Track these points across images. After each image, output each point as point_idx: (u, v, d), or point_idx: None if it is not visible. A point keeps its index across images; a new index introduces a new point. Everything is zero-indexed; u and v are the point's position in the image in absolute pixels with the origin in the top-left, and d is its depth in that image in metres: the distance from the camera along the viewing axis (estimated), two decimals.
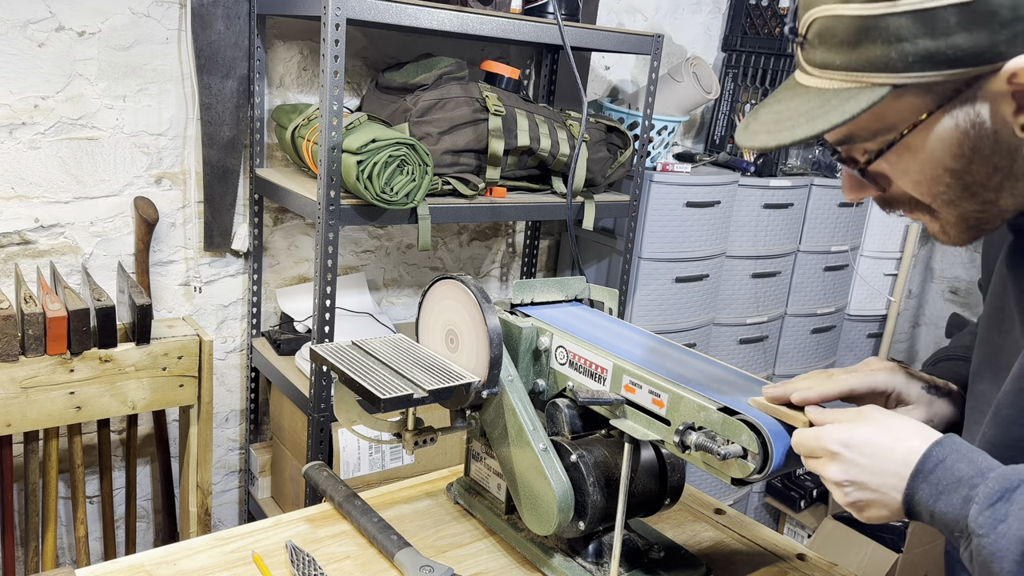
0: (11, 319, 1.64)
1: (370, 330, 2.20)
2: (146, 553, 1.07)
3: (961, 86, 0.72)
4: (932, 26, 0.70)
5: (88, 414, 1.78)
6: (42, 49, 1.84)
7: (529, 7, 2.07)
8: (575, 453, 1.03)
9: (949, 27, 0.69)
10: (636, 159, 2.28)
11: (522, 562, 1.12)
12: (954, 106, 0.74)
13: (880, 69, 0.73)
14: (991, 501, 0.72)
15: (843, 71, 0.75)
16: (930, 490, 0.76)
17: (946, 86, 0.73)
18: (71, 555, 2.13)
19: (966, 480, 0.74)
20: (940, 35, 0.70)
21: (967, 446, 0.78)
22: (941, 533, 0.78)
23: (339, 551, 1.11)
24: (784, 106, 0.80)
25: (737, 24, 2.85)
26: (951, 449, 0.77)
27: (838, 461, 0.80)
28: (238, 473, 2.40)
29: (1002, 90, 0.71)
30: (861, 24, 0.72)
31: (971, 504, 0.73)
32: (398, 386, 1.01)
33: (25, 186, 1.89)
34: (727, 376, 1.01)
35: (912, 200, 0.82)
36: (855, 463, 0.79)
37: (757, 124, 0.81)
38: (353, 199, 1.82)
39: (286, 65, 2.16)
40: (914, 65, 0.72)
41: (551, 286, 1.22)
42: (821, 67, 0.77)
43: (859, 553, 2.73)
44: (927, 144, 0.76)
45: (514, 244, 2.71)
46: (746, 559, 1.18)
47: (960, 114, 0.74)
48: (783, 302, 2.88)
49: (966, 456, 0.76)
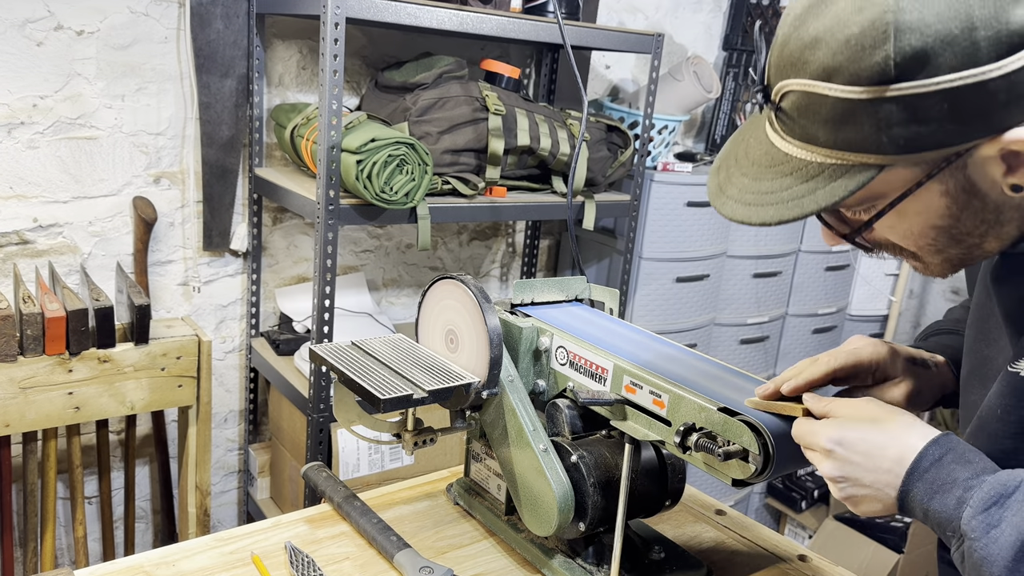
0: (9, 319, 1.64)
1: (369, 330, 2.19)
2: (145, 554, 1.07)
3: (951, 156, 0.71)
4: (925, 113, 0.68)
5: (87, 414, 1.78)
6: (41, 48, 1.83)
7: (529, 6, 2.07)
8: (575, 454, 1.03)
9: (942, 113, 0.68)
10: (637, 158, 2.27)
11: (522, 563, 1.12)
12: (944, 174, 0.73)
13: (868, 150, 0.71)
14: (986, 505, 0.72)
15: (827, 148, 0.73)
16: (925, 489, 0.76)
17: (936, 158, 0.72)
18: (70, 556, 2.12)
19: (961, 481, 0.74)
20: (932, 121, 0.68)
21: (964, 446, 0.78)
22: (933, 531, 0.78)
23: (338, 552, 1.10)
24: (764, 177, 0.77)
25: (738, 23, 2.85)
26: (948, 448, 0.77)
27: (832, 458, 0.81)
28: (237, 474, 2.39)
29: (992, 154, 0.70)
30: (847, 107, 0.70)
31: (965, 506, 0.73)
32: (398, 386, 1.01)
33: (23, 186, 1.89)
34: (728, 377, 1.01)
35: (897, 247, 0.82)
36: (849, 460, 0.80)
37: (734, 189, 0.79)
38: (352, 199, 1.82)
39: (285, 64, 2.15)
40: (905, 148, 0.70)
41: (551, 286, 1.22)
42: (802, 140, 0.75)
43: (860, 554, 2.73)
44: (915, 207, 0.76)
45: (514, 244, 2.70)
46: (747, 560, 1.18)
47: (950, 180, 0.73)
48: (784, 302, 2.88)
49: (963, 456, 0.76)
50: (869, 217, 0.78)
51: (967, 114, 0.68)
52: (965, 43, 0.66)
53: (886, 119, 0.69)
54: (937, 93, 0.67)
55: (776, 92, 0.75)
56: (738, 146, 0.83)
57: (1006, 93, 0.67)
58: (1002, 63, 0.66)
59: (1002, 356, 0.83)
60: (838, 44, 0.69)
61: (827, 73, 0.70)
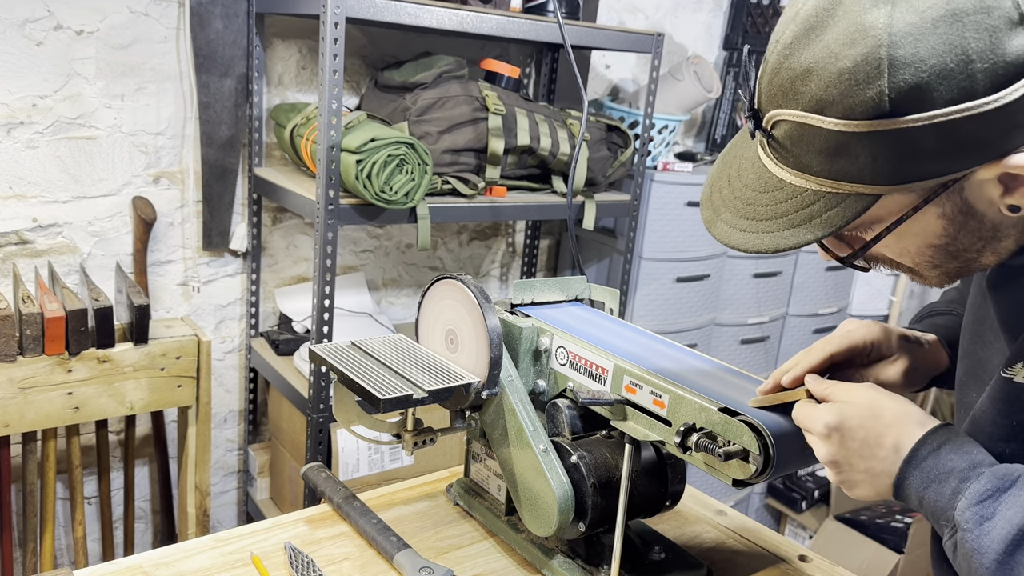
0: (9, 319, 1.64)
1: (369, 330, 2.19)
2: (144, 554, 1.06)
3: (949, 182, 0.71)
4: (920, 146, 0.67)
5: (86, 414, 1.78)
6: (40, 48, 1.83)
7: (529, 5, 2.07)
8: (575, 454, 1.03)
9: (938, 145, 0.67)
10: (637, 158, 2.27)
11: (522, 564, 1.11)
12: (941, 198, 0.72)
13: (864, 180, 0.70)
14: (981, 498, 0.73)
15: (822, 177, 0.72)
16: (921, 477, 0.77)
17: (933, 185, 0.71)
18: (69, 556, 2.12)
19: (957, 472, 0.75)
20: (928, 153, 0.68)
21: (962, 437, 0.78)
22: (926, 519, 0.79)
23: (338, 552, 1.10)
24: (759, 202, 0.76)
25: (738, 23, 2.85)
26: (946, 438, 0.78)
27: (830, 443, 0.81)
28: (237, 474, 2.39)
29: (989, 177, 0.70)
30: (842, 139, 0.69)
31: (960, 497, 0.74)
32: (398, 386, 1.00)
33: (23, 185, 1.89)
34: (728, 377, 1.01)
35: (894, 262, 0.82)
36: (846, 446, 0.81)
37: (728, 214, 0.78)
38: (352, 198, 1.82)
39: (285, 64, 2.15)
40: (901, 179, 0.70)
41: (551, 286, 1.22)
42: (796, 168, 0.74)
43: (860, 554, 2.73)
44: (913, 229, 0.75)
45: (514, 244, 2.70)
46: (747, 560, 1.17)
47: (947, 203, 0.73)
48: (784, 302, 2.88)
49: (960, 448, 0.77)
50: (867, 240, 0.77)
51: (963, 145, 0.67)
52: (961, 76, 0.64)
53: (881, 152, 0.68)
54: (933, 127, 0.66)
55: (768, 120, 0.74)
56: (729, 167, 0.82)
57: (1003, 123, 0.66)
58: (999, 95, 0.65)
59: (997, 359, 0.83)
60: (831, 77, 0.68)
61: (820, 106, 0.69)
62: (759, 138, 0.77)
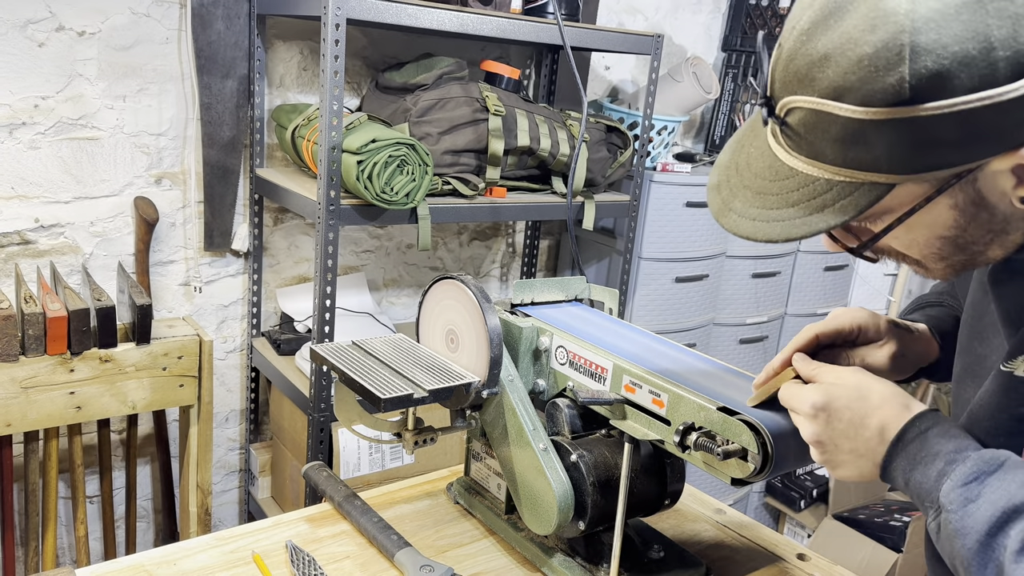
0: (11, 319, 1.64)
1: (370, 330, 2.19)
2: (146, 553, 1.07)
3: (962, 172, 0.70)
4: (939, 134, 0.66)
5: (88, 414, 1.78)
6: (42, 49, 1.84)
7: (529, 7, 2.07)
8: (575, 453, 1.03)
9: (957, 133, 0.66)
10: (636, 159, 2.28)
11: (522, 562, 1.12)
12: (954, 188, 0.71)
13: (879, 169, 0.69)
14: (966, 480, 0.73)
15: (836, 165, 0.71)
16: (908, 459, 0.78)
17: (947, 175, 0.70)
18: (71, 555, 2.13)
19: (944, 454, 0.76)
20: (946, 142, 0.67)
21: (950, 423, 0.79)
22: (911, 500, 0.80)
23: (339, 551, 1.11)
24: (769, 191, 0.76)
25: (737, 24, 2.85)
26: (934, 422, 0.79)
27: (815, 423, 0.82)
28: (238, 473, 2.40)
29: (1003, 168, 0.69)
30: (858, 127, 0.68)
31: (945, 479, 0.75)
32: (398, 386, 1.01)
33: (25, 186, 1.89)
34: (727, 376, 1.01)
35: (901, 254, 0.82)
36: (831, 427, 0.81)
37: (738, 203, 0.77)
38: (353, 199, 1.82)
39: (286, 65, 2.16)
40: (917, 168, 0.69)
41: (551, 286, 1.22)
42: (809, 156, 0.73)
43: (859, 553, 2.73)
44: (923, 220, 0.75)
45: (514, 244, 2.71)
46: (746, 559, 1.18)
47: (959, 194, 0.72)
48: (783, 302, 2.88)
49: (947, 432, 0.78)
50: (876, 231, 0.77)
51: (981, 134, 0.66)
52: (983, 64, 0.64)
53: (899, 140, 0.67)
54: (952, 115, 0.65)
55: (781, 107, 0.73)
56: (738, 155, 0.81)
57: (1021, 113, 0.65)
58: (1019, 84, 0.64)
59: (995, 354, 0.84)
60: (849, 63, 0.67)
61: (837, 92, 0.68)
62: (771, 126, 0.76)
